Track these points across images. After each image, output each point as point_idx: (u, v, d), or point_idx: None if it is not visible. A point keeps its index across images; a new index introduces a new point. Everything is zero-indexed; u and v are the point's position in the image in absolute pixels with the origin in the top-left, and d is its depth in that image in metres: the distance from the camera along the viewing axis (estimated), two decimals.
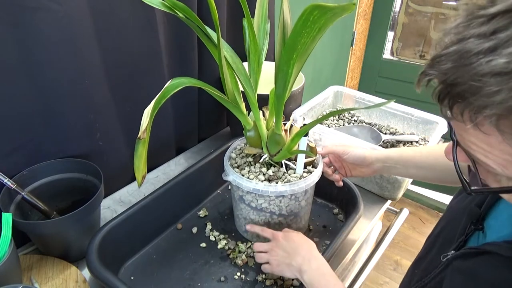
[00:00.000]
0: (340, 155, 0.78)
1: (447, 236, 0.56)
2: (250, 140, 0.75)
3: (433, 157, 0.73)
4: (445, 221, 0.60)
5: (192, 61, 0.99)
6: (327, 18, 0.48)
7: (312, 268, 0.63)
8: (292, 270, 0.65)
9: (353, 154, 0.76)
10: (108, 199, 0.93)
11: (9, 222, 0.63)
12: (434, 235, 0.61)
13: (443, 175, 0.73)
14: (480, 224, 0.50)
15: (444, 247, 0.55)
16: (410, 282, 0.62)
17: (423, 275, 0.58)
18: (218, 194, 0.97)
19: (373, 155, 0.76)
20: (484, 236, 0.49)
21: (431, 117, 1.04)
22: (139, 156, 0.52)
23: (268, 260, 0.69)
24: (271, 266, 0.69)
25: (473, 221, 0.51)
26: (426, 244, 0.64)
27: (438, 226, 0.62)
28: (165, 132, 1.02)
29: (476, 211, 0.51)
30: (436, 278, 0.54)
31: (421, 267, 0.60)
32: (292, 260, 0.66)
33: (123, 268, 0.77)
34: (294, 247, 0.67)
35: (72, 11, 0.68)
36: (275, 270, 0.68)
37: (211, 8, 0.56)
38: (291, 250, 0.67)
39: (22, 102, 0.70)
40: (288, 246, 0.68)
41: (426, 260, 0.60)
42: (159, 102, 0.53)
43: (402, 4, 2.10)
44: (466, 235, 0.51)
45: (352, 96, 1.18)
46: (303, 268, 0.64)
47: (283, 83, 0.61)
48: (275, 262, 0.68)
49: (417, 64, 2.15)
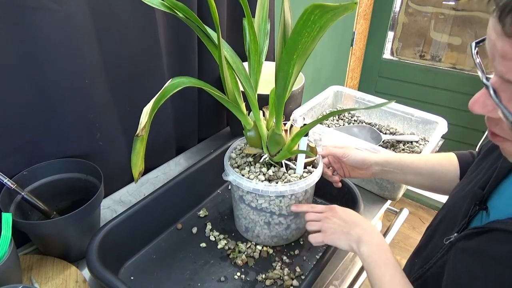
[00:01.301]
0: (339, 157, 0.78)
1: (450, 221, 0.56)
2: (250, 140, 0.75)
3: (431, 164, 0.74)
4: (446, 209, 0.60)
5: (192, 61, 0.99)
6: (328, 18, 0.48)
7: (373, 242, 0.59)
8: (349, 239, 0.61)
9: (353, 157, 0.76)
10: (108, 199, 0.93)
11: (9, 222, 0.63)
12: (435, 223, 0.62)
13: (439, 184, 0.74)
14: (484, 205, 0.50)
15: (446, 232, 0.55)
16: (410, 271, 0.62)
17: (424, 262, 0.58)
18: (218, 194, 0.97)
19: (372, 159, 0.76)
20: (488, 216, 0.50)
21: (431, 117, 1.04)
22: (136, 153, 0.52)
23: (321, 228, 0.66)
24: (324, 234, 0.65)
25: (476, 202, 0.51)
26: (426, 232, 0.64)
27: (439, 215, 0.62)
28: (165, 132, 1.02)
29: (479, 192, 0.51)
30: (438, 262, 0.54)
31: (422, 255, 0.60)
32: (352, 229, 0.62)
33: (123, 268, 0.77)
34: (354, 218, 0.64)
35: (72, 11, 0.68)
36: (329, 238, 0.64)
37: (211, 8, 0.56)
38: (351, 220, 0.64)
39: (22, 102, 0.69)
40: (348, 216, 0.65)
41: (428, 247, 0.60)
42: (158, 102, 0.53)
43: (402, 4, 2.10)
44: (469, 217, 0.52)
45: (352, 96, 1.18)
46: (364, 239, 0.59)
47: (283, 83, 0.61)
48: (330, 230, 0.64)
49: (417, 64, 2.15)
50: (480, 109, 0.38)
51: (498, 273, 0.43)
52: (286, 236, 0.81)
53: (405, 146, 1.04)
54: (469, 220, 0.52)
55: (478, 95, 0.38)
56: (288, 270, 0.76)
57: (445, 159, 0.74)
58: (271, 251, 0.81)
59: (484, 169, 0.55)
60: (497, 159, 0.53)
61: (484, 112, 0.38)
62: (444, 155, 0.75)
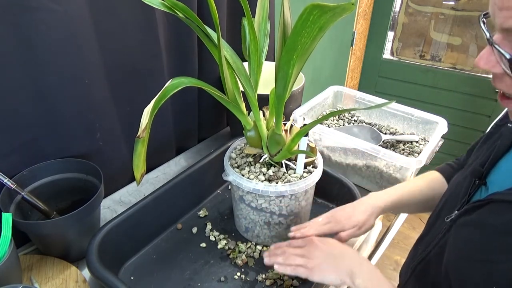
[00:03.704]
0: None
1: (451, 203, 0.58)
2: (250, 140, 0.75)
3: (425, 194, 0.74)
4: (446, 196, 0.62)
5: (192, 61, 0.99)
6: (327, 18, 0.48)
7: (364, 271, 0.58)
8: (340, 274, 0.59)
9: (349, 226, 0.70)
10: (108, 199, 0.93)
11: (9, 222, 0.63)
12: (437, 210, 0.63)
13: (431, 206, 0.73)
14: (483, 180, 0.53)
15: (448, 214, 0.56)
16: (413, 257, 0.63)
17: (426, 245, 0.59)
18: (218, 194, 0.97)
19: (376, 214, 0.71)
20: (487, 190, 0.52)
21: (431, 117, 1.04)
22: (138, 154, 0.52)
23: (305, 264, 0.61)
24: (310, 271, 0.60)
25: (476, 179, 0.53)
26: (428, 222, 0.65)
27: (440, 202, 0.63)
28: (165, 132, 1.02)
29: (479, 169, 0.53)
30: (440, 242, 0.55)
31: (425, 240, 0.61)
32: (339, 262, 0.60)
33: (123, 268, 0.77)
34: (339, 250, 0.62)
35: (72, 11, 0.68)
36: (316, 274, 0.60)
37: (211, 8, 0.56)
38: (337, 253, 0.61)
39: (22, 102, 0.69)
40: (331, 249, 0.62)
41: (430, 232, 0.61)
42: (159, 102, 0.53)
43: (402, 4, 2.10)
44: (469, 194, 0.53)
45: (352, 96, 1.18)
46: (356, 270, 0.58)
47: (283, 83, 0.61)
48: (316, 266, 0.60)
49: (417, 64, 2.15)
50: (484, 64, 0.42)
51: (500, 242, 0.44)
52: (286, 236, 0.81)
53: (405, 146, 1.04)
54: (469, 197, 0.54)
55: (483, 52, 0.42)
56: None
57: (434, 182, 0.75)
58: None
59: (483, 152, 0.57)
60: (496, 140, 0.55)
61: (488, 67, 0.42)
62: (431, 178, 0.76)
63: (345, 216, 0.70)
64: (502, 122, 0.58)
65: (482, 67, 0.42)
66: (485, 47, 0.42)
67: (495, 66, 0.41)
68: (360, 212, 0.70)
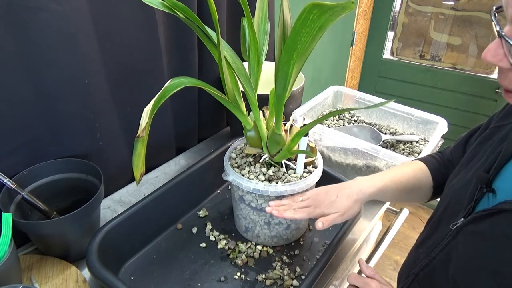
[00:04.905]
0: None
1: (454, 208, 0.56)
2: (250, 140, 0.75)
3: (411, 183, 0.72)
4: (448, 199, 0.60)
5: (192, 61, 0.99)
6: (327, 17, 0.48)
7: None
8: None
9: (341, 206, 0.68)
10: (108, 199, 0.93)
11: (9, 222, 0.63)
12: (438, 214, 0.61)
13: (415, 196, 0.74)
14: (490, 187, 0.51)
15: (451, 219, 0.55)
16: (414, 262, 0.61)
17: (429, 250, 0.57)
18: (218, 194, 0.97)
19: (363, 198, 0.69)
20: (495, 198, 0.50)
21: (431, 117, 1.04)
22: (137, 154, 0.52)
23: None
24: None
25: (482, 185, 0.51)
26: (429, 224, 0.63)
27: (441, 206, 0.61)
28: (165, 132, 1.02)
29: (484, 176, 0.51)
30: (445, 248, 0.54)
31: (427, 245, 0.60)
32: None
33: (123, 268, 0.77)
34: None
35: (72, 11, 0.68)
36: None
37: (211, 8, 0.56)
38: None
39: (22, 102, 0.69)
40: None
41: (433, 236, 0.59)
42: (158, 102, 0.53)
43: (402, 4, 2.10)
44: (475, 200, 0.52)
45: (352, 96, 1.18)
46: None
47: (283, 83, 0.61)
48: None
49: (417, 64, 2.15)
50: (491, 58, 0.41)
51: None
52: (286, 236, 0.81)
53: (405, 146, 1.04)
54: (475, 204, 0.52)
55: (491, 45, 0.41)
56: (288, 270, 0.76)
57: (420, 172, 0.73)
58: (271, 251, 0.81)
59: (485, 154, 0.56)
60: (500, 143, 0.54)
61: (494, 61, 0.41)
62: (418, 167, 0.74)
63: (327, 201, 0.67)
64: (503, 122, 0.57)
65: (489, 60, 0.42)
66: (486, 46, 0.42)
67: (502, 60, 0.40)
68: (344, 198, 0.67)
